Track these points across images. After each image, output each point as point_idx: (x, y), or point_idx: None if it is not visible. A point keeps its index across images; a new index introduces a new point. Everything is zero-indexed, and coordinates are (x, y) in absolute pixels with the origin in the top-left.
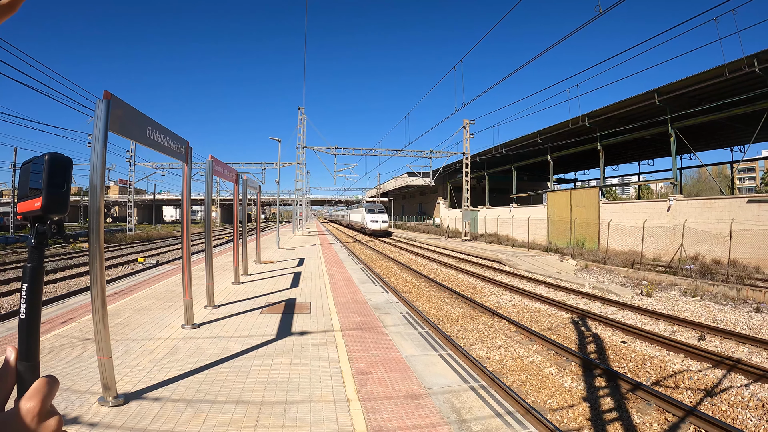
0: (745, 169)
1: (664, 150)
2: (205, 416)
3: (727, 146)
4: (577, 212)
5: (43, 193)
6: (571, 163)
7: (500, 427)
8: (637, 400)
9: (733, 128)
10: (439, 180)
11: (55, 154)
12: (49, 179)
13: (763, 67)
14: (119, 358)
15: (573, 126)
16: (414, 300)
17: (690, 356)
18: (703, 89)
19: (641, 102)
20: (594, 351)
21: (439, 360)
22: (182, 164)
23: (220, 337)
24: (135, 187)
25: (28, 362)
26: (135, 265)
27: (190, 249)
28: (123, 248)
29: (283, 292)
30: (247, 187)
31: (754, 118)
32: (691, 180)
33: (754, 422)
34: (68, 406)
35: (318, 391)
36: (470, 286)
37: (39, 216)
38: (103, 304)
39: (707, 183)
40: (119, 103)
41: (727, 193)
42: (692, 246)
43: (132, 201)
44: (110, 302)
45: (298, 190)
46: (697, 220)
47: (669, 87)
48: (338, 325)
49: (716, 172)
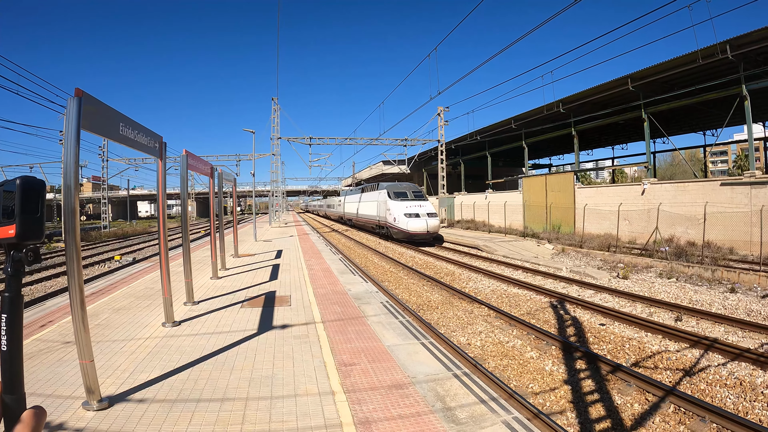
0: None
1: (638, 134)
2: (191, 416)
3: (699, 130)
4: (552, 197)
5: (18, 220)
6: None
7: (485, 413)
8: (617, 382)
9: (706, 113)
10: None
11: (27, 178)
12: (23, 205)
13: (735, 53)
14: (101, 360)
15: (547, 112)
16: (393, 289)
17: (668, 337)
18: (676, 75)
19: (615, 88)
20: (573, 334)
21: (422, 348)
22: (156, 160)
23: (202, 333)
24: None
25: (13, 395)
26: (112, 264)
27: (168, 246)
28: (99, 246)
29: (262, 285)
30: (223, 180)
31: (727, 102)
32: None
33: (732, 400)
34: (52, 413)
35: (303, 385)
36: (449, 272)
37: (14, 243)
38: (82, 307)
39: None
40: (91, 100)
41: (700, 177)
42: (667, 228)
43: (106, 198)
44: (88, 303)
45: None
46: (671, 203)
47: (642, 73)
48: (319, 316)
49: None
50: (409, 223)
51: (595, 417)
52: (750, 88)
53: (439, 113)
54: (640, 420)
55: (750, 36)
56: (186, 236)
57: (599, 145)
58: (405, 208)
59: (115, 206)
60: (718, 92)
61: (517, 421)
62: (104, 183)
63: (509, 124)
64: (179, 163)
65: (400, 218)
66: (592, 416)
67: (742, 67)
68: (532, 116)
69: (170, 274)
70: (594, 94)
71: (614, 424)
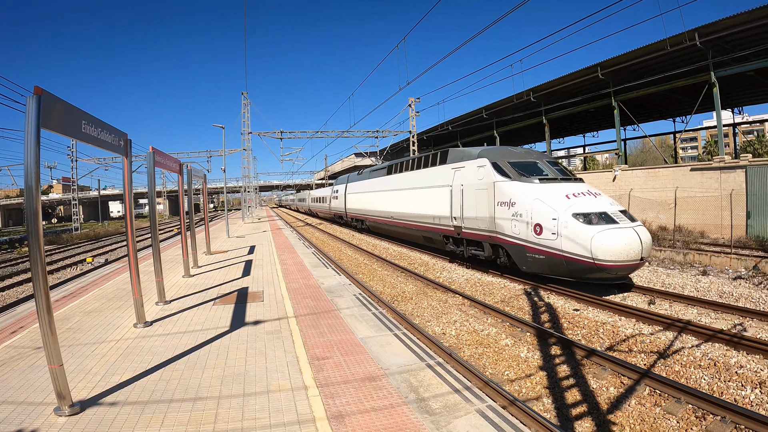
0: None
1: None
2: (164, 416)
3: (669, 117)
4: None
5: None
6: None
7: (459, 403)
8: (592, 366)
9: (675, 100)
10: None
11: None
12: None
13: (704, 40)
14: (72, 365)
15: (518, 101)
16: (367, 281)
17: (641, 320)
18: (646, 63)
19: (585, 76)
20: (548, 320)
21: (395, 339)
22: (122, 158)
23: (174, 333)
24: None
25: None
26: (84, 266)
27: (136, 245)
28: (70, 249)
29: (235, 281)
30: (192, 177)
31: (696, 90)
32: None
33: (707, 380)
34: (24, 420)
35: (275, 381)
36: (423, 263)
37: None
38: (48, 311)
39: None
40: (51, 98)
41: (670, 162)
42: (638, 213)
43: (76, 199)
44: (59, 306)
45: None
46: (643, 189)
47: (612, 61)
48: (292, 311)
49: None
50: (598, 239)
51: (571, 402)
52: (718, 75)
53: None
54: (616, 403)
55: (718, 24)
56: (155, 235)
57: (570, 133)
58: (567, 202)
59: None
60: (687, 79)
61: (491, 409)
62: (74, 184)
63: (480, 113)
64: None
65: (567, 225)
66: (568, 401)
67: (710, 54)
68: (503, 105)
69: (142, 274)
70: (564, 83)
71: (590, 408)
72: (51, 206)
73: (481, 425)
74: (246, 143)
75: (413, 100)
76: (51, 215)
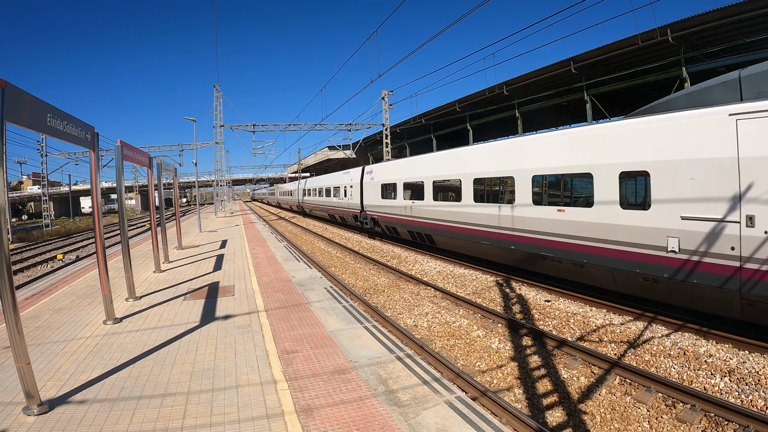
0: None
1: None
2: (132, 413)
3: None
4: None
5: None
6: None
7: (428, 395)
8: (563, 356)
9: (648, 95)
10: (360, 152)
11: None
12: None
13: (676, 35)
14: (41, 363)
15: (490, 94)
16: (339, 274)
17: (612, 311)
18: (618, 57)
19: (557, 70)
20: (519, 311)
21: (365, 332)
22: (89, 152)
23: (143, 329)
24: (49, 180)
25: None
26: (54, 263)
27: (104, 241)
28: (40, 246)
29: (205, 276)
30: (163, 171)
31: (667, 85)
32: None
33: (677, 369)
34: None
35: (245, 375)
36: (396, 255)
37: None
38: (14, 309)
39: None
40: (15, 91)
41: None
42: None
43: (47, 194)
44: (29, 305)
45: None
46: None
47: (584, 55)
48: (262, 305)
49: None
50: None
51: (542, 392)
52: (690, 71)
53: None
54: (587, 393)
55: (690, 21)
56: (124, 231)
57: (543, 126)
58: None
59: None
60: (659, 75)
61: (460, 400)
62: (44, 179)
63: (453, 106)
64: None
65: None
66: (539, 391)
67: (682, 50)
68: (476, 98)
69: (111, 271)
70: (537, 76)
71: (561, 397)
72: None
73: (450, 416)
74: (218, 136)
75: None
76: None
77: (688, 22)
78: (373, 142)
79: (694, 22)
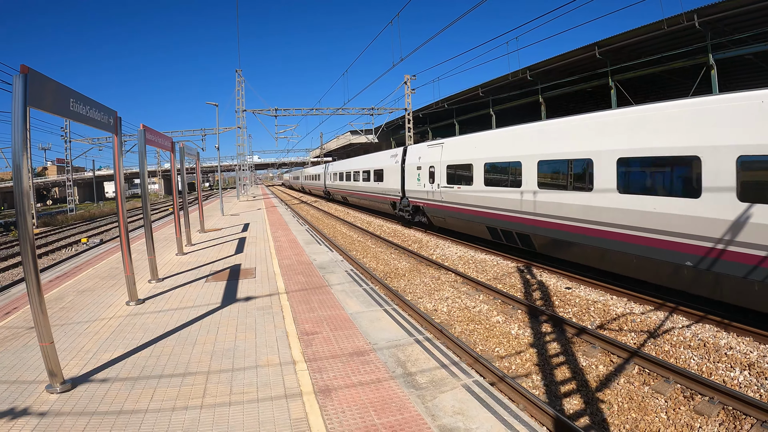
0: None
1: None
2: (153, 392)
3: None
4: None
5: None
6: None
7: (446, 378)
8: (582, 344)
9: (673, 82)
10: (383, 137)
11: None
12: None
13: (702, 21)
14: (65, 343)
15: (513, 79)
16: (360, 257)
17: (633, 300)
18: (643, 43)
19: (582, 55)
20: (539, 298)
21: (384, 315)
22: (112, 137)
23: (165, 310)
24: (73, 165)
25: None
26: (78, 246)
27: (127, 223)
28: (65, 230)
29: (227, 258)
30: (185, 155)
31: (693, 71)
32: None
33: (696, 361)
34: (17, 398)
35: (264, 356)
36: (416, 240)
37: None
38: (38, 290)
39: None
40: (38, 76)
41: None
42: None
43: (71, 180)
44: (54, 286)
45: (240, 154)
46: None
47: (609, 40)
48: (283, 287)
49: None
50: None
51: (560, 379)
52: (717, 58)
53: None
54: (605, 381)
55: (717, 6)
56: (147, 214)
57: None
58: None
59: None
60: (685, 61)
61: (478, 384)
62: (68, 165)
63: (476, 91)
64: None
65: None
66: (557, 378)
67: (709, 36)
68: (499, 83)
69: (134, 253)
70: (560, 61)
71: (579, 385)
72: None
73: (467, 400)
74: (240, 121)
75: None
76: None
77: (714, 7)
78: (396, 126)
79: (721, 7)
